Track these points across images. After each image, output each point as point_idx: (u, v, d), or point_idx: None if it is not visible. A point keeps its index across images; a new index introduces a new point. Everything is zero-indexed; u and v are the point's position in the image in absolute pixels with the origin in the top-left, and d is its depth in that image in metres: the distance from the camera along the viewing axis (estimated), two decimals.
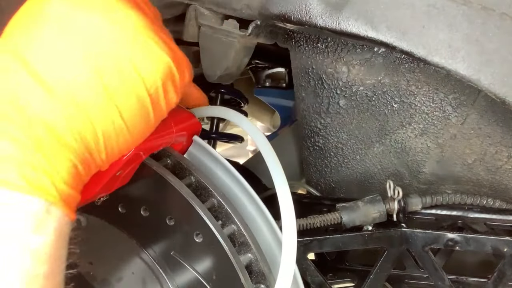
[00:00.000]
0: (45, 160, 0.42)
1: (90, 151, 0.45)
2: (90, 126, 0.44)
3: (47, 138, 0.42)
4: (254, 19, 0.69)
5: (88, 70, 0.44)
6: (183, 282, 0.62)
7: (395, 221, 0.76)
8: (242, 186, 0.66)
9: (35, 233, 0.41)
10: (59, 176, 0.42)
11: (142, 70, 0.46)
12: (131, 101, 0.46)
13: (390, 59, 0.75)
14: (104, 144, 0.46)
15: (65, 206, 0.43)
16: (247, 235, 0.61)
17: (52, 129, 0.42)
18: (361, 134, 0.84)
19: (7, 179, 0.40)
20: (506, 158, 0.78)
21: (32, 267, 0.40)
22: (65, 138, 0.43)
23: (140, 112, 0.47)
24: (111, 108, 0.45)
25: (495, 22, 0.56)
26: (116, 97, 0.45)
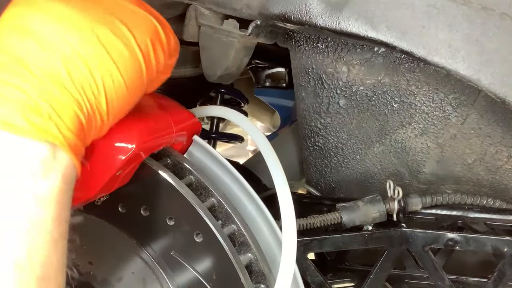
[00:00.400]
0: (50, 107, 0.43)
1: (91, 103, 0.46)
2: (90, 77, 0.46)
3: (50, 87, 0.44)
4: (254, 19, 0.69)
5: (84, 27, 0.46)
6: (183, 282, 0.62)
7: (395, 221, 0.76)
8: (242, 186, 0.67)
9: (42, 178, 0.42)
10: (64, 123, 0.44)
11: (133, 29, 0.50)
12: (125, 54, 0.48)
13: (390, 59, 0.75)
14: (104, 95, 0.47)
15: (71, 151, 0.44)
16: (247, 235, 0.61)
17: (54, 79, 0.44)
18: (361, 134, 0.84)
19: (13, 122, 0.41)
20: (506, 158, 0.78)
21: (38, 212, 0.41)
22: (67, 87, 0.45)
23: (133, 65, 0.50)
24: (108, 59, 0.47)
25: (495, 22, 0.56)
26: (111, 50, 0.47)
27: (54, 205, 0.42)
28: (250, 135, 0.68)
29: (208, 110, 0.78)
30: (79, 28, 0.46)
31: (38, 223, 0.41)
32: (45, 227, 0.41)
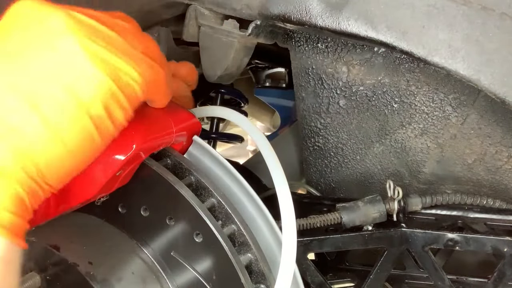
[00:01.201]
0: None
1: (35, 180, 0.45)
2: (32, 156, 0.44)
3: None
4: (254, 19, 0.69)
5: (24, 102, 0.44)
6: (183, 282, 0.62)
7: (395, 221, 0.76)
8: (242, 186, 0.66)
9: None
10: (3, 206, 0.42)
11: (80, 96, 0.45)
12: (73, 129, 0.45)
13: (390, 59, 0.75)
14: (49, 172, 0.45)
15: (11, 234, 0.42)
16: (247, 235, 0.61)
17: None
18: (361, 134, 0.84)
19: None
20: (506, 158, 0.78)
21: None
22: (7, 168, 0.43)
23: (84, 137, 0.46)
24: (52, 138, 0.45)
25: (495, 22, 0.56)
26: (57, 127, 0.45)
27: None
28: (250, 135, 0.68)
29: (208, 110, 0.78)
30: (18, 102, 0.44)
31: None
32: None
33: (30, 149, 0.44)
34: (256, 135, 0.68)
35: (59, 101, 0.45)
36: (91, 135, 0.47)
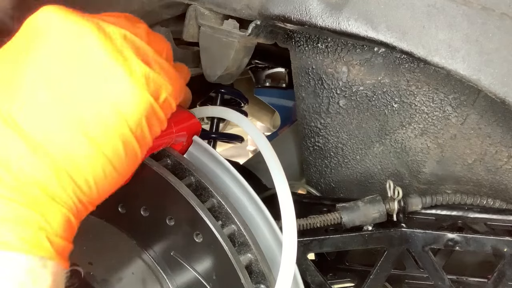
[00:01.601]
0: (39, 217, 0.43)
1: (81, 201, 0.46)
2: (81, 178, 0.45)
3: (39, 196, 0.43)
4: (254, 19, 0.69)
5: (71, 124, 0.44)
6: (183, 282, 0.62)
7: (395, 221, 0.76)
8: (242, 186, 0.66)
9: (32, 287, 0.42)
10: (53, 231, 0.44)
11: (124, 113, 0.46)
12: (118, 146, 0.46)
13: (390, 59, 0.75)
14: (96, 190, 0.46)
15: (60, 258, 0.44)
16: (247, 235, 0.61)
17: (44, 187, 0.43)
18: (361, 134, 0.84)
19: (5, 241, 0.42)
20: (506, 158, 0.78)
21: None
22: (57, 194, 0.44)
23: (127, 152, 0.48)
24: (100, 157, 0.46)
25: (495, 22, 0.56)
26: (103, 145, 0.45)
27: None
28: (250, 135, 0.68)
29: (208, 110, 0.78)
30: (68, 129, 0.44)
31: None
32: None
33: (79, 172, 0.45)
34: (256, 135, 0.68)
35: (105, 123, 0.45)
36: (135, 151, 0.48)
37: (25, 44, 0.46)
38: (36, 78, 0.44)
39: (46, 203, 0.44)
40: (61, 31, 0.46)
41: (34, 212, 0.43)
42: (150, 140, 0.50)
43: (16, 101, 0.44)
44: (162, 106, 0.50)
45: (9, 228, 0.42)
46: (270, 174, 0.65)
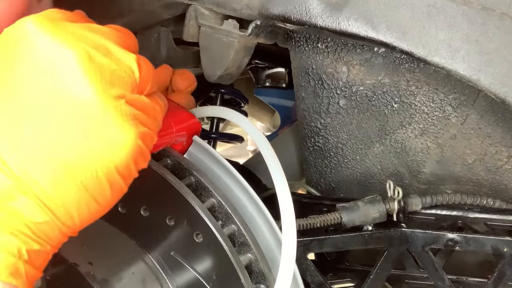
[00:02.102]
0: (21, 244, 0.43)
1: (63, 233, 0.46)
2: (66, 215, 0.45)
3: (20, 226, 0.43)
4: (254, 19, 0.69)
5: (57, 167, 0.44)
6: (183, 282, 0.62)
7: (395, 221, 0.76)
8: (242, 186, 0.66)
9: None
10: (30, 260, 0.43)
11: (113, 159, 0.45)
12: (105, 187, 0.46)
13: (390, 59, 0.75)
14: (79, 223, 0.46)
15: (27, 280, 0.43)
16: (247, 235, 0.61)
17: (27, 220, 0.43)
18: (361, 134, 0.84)
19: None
20: (506, 158, 0.78)
21: None
22: (39, 228, 0.44)
23: (113, 190, 0.47)
24: (85, 196, 0.45)
25: (495, 22, 0.56)
26: (90, 188, 0.45)
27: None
28: (250, 135, 0.68)
29: (208, 110, 0.78)
30: (54, 171, 0.44)
31: None
32: None
33: (64, 209, 0.45)
34: (256, 135, 0.68)
35: (93, 169, 0.45)
36: (121, 187, 0.48)
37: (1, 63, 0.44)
38: (17, 111, 0.43)
39: (26, 234, 0.43)
40: (39, 50, 0.43)
41: (15, 238, 0.43)
42: (136, 174, 0.49)
43: (6, 143, 0.43)
44: (148, 145, 0.49)
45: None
46: (270, 174, 0.65)
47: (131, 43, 0.50)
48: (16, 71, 0.43)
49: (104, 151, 0.45)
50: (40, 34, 0.43)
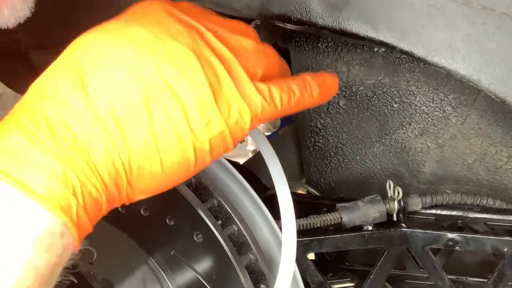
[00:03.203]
0: (77, 180, 0.39)
1: (119, 188, 0.43)
2: (127, 162, 0.42)
3: (81, 161, 0.40)
4: (254, 19, 0.69)
5: (141, 108, 0.42)
6: (183, 282, 0.62)
7: (395, 221, 0.76)
8: (242, 186, 0.66)
9: (45, 252, 0.38)
10: (84, 203, 0.40)
11: (195, 128, 0.43)
12: (175, 151, 0.43)
13: (390, 59, 0.75)
14: (136, 185, 0.44)
15: (78, 235, 0.40)
16: (247, 235, 0.61)
17: (89, 154, 0.40)
18: (361, 134, 0.84)
19: (33, 188, 0.38)
20: (506, 158, 0.78)
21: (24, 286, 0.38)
22: (99, 167, 0.41)
23: (180, 163, 0.44)
24: (153, 150, 0.42)
25: (495, 22, 0.56)
26: (162, 141, 0.42)
27: (43, 283, 0.39)
28: (250, 135, 0.68)
29: None
30: (135, 112, 0.41)
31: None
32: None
33: (128, 153, 0.42)
34: (256, 135, 0.68)
35: (173, 121, 0.43)
36: (189, 163, 0.45)
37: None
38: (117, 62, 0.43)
39: (85, 172, 0.40)
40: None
41: (72, 174, 0.39)
42: (208, 161, 0.47)
43: (91, 70, 0.42)
44: (233, 134, 0.47)
45: (43, 177, 0.38)
46: (270, 174, 0.65)
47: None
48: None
49: (190, 118, 0.43)
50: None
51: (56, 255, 0.39)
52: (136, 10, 0.47)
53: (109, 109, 0.41)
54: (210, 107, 0.44)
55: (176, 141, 0.43)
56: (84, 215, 0.40)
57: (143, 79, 0.42)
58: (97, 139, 0.40)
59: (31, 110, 0.41)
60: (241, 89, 0.46)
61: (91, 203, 0.40)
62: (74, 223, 0.39)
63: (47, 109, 0.40)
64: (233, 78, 0.46)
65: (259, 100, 0.47)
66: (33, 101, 0.41)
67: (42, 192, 0.38)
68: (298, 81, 0.52)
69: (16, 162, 0.38)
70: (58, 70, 0.43)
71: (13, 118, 0.41)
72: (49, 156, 0.39)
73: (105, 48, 0.43)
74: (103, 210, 0.42)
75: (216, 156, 0.47)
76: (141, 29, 0.44)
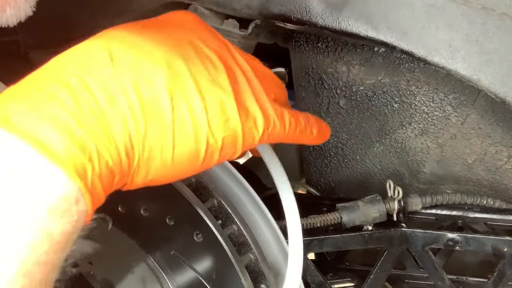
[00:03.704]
0: (93, 148, 0.38)
1: (130, 165, 0.42)
2: (142, 141, 0.42)
3: (100, 128, 0.39)
4: (254, 19, 0.69)
5: (165, 93, 0.42)
6: (183, 282, 0.62)
7: (395, 221, 0.76)
8: (242, 186, 0.66)
9: (59, 218, 0.37)
10: (100, 171, 0.39)
11: (213, 123, 0.45)
12: (189, 142, 0.44)
13: (390, 59, 0.75)
14: (142, 167, 0.43)
15: (92, 203, 0.40)
16: (247, 235, 0.61)
17: (108, 123, 0.40)
18: (361, 134, 0.84)
19: (50, 146, 0.37)
20: (506, 158, 0.78)
21: (40, 252, 0.36)
22: (117, 138, 0.40)
23: (191, 155, 0.45)
24: (169, 136, 0.43)
25: (495, 22, 0.56)
26: (178, 130, 0.43)
27: (58, 250, 0.38)
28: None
29: None
30: (159, 96, 0.42)
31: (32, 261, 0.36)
32: (35, 269, 0.36)
33: (145, 132, 0.42)
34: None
35: (195, 119, 0.44)
36: (197, 158, 0.46)
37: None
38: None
39: (103, 142, 0.39)
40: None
41: (91, 140, 0.38)
42: (215, 160, 0.47)
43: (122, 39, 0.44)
44: (245, 141, 0.49)
45: (60, 136, 0.37)
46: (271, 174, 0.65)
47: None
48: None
49: (209, 117, 0.45)
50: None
51: (71, 222, 0.38)
52: (173, 15, 0.51)
53: (134, 86, 0.41)
54: (231, 106, 0.46)
55: (192, 132, 0.44)
56: (99, 184, 0.39)
57: (171, 68, 0.43)
58: (119, 110, 0.40)
59: (57, 72, 0.41)
60: (259, 101, 0.49)
61: (106, 174, 0.40)
62: (89, 190, 0.38)
63: (72, 74, 0.40)
64: (252, 89, 0.49)
65: (273, 115, 0.50)
66: (61, 64, 0.42)
67: (60, 153, 0.37)
68: (303, 115, 0.56)
69: (34, 119, 0.37)
70: (88, 44, 0.43)
71: (37, 77, 0.41)
72: (69, 117, 0.38)
73: (138, 38, 0.44)
74: (115, 183, 0.42)
75: (223, 158, 0.48)
76: (176, 29, 0.48)
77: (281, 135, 0.52)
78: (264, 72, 0.53)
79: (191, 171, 0.47)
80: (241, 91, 0.48)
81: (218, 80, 0.46)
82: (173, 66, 0.44)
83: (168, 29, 0.48)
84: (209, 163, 0.47)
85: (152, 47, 0.44)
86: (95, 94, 0.40)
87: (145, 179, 0.44)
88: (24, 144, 0.36)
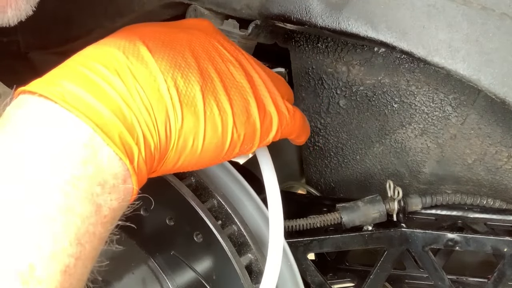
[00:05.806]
0: (141, 131, 0.42)
1: (166, 151, 0.45)
2: (178, 128, 0.45)
3: (146, 112, 0.43)
4: (254, 19, 0.69)
5: (198, 90, 0.47)
6: (183, 282, 0.62)
7: (395, 221, 0.76)
8: (242, 186, 0.66)
9: (107, 193, 0.40)
10: (145, 154, 0.42)
11: (237, 119, 0.50)
12: (218, 134, 0.48)
13: (390, 59, 0.75)
14: (173, 155, 0.46)
15: (138, 184, 0.43)
16: (247, 235, 0.61)
17: (152, 107, 0.43)
18: (361, 134, 0.84)
19: (102, 124, 0.39)
20: (506, 158, 0.78)
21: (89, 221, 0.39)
22: (159, 123, 0.44)
23: (217, 147, 0.49)
24: (201, 127, 0.47)
25: (495, 22, 0.56)
26: (208, 122, 0.47)
27: (105, 224, 0.42)
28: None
29: None
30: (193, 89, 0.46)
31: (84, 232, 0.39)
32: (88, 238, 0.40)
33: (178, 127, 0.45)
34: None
35: (222, 115, 0.49)
36: (222, 149, 0.50)
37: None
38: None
39: (145, 124, 0.42)
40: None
41: (137, 123, 0.42)
42: (236, 153, 0.52)
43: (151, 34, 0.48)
44: (262, 134, 0.54)
45: (115, 118, 0.40)
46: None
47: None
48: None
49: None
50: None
51: (117, 199, 0.41)
52: (191, 21, 0.56)
53: (173, 82, 0.45)
54: (252, 106, 0.51)
55: (220, 127, 0.48)
56: (144, 166, 0.43)
57: (200, 69, 0.48)
58: (162, 101, 0.44)
59: (108, 57, 0.43)
60: (275, 101, 0.54)
61: (150, 157, 0.43)
62: (135, 171, 0.42)
63: (122, 62, 0.43)
64: (268, 90, 0.54)
65: (286, 114, 0.55)
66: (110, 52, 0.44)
67: (112, 132, 0.40)
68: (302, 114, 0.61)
69: (91, 99, 0.40)
70: (125, 36, 0.46)
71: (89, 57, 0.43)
72: (122, 102, 0.41)
73: (168, 38, 0.48)
74: (153, 167, 0.45)
75: (242, 151, 0.53)
76: (199, 33, 0.52)
77: (293, 131, 0.58)
78: (274, 74, 0.58)
79: (214, 161, 0.52)
80: (259, 92, 0.53)
81: (241, 82, 0.51)
82: (202, 67, 0.48)
83: (193, 32, 0.52)
84: (230, 155, 0.52)
85: (183, 48, 0.48)
86: (142, 84, 0.43)
87: (174, 166, 0.48)
88: (82, 123, 0.39)
